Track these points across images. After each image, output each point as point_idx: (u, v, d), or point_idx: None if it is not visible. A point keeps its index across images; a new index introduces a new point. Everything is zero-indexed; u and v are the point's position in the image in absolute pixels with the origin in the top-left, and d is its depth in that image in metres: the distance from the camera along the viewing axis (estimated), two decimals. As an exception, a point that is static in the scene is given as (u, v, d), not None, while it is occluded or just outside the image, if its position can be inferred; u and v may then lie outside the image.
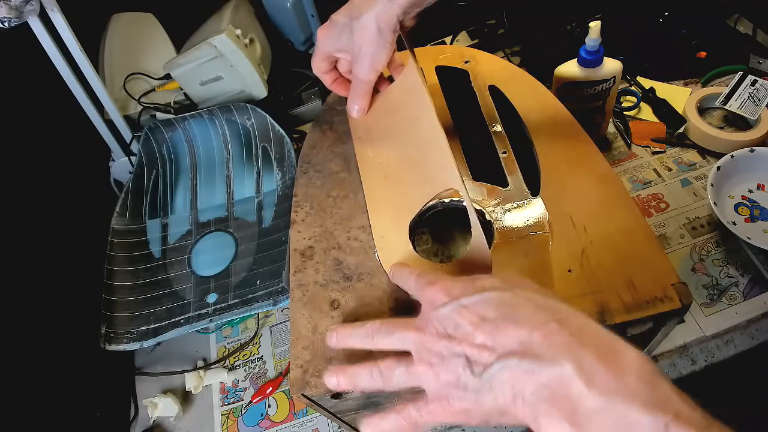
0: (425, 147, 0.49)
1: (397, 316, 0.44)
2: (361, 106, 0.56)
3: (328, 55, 0.54)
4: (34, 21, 0.63)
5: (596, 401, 0.27)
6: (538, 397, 0.29)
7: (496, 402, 0.31)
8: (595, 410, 0.27)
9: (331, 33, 0.51)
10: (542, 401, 0.29)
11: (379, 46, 0.49)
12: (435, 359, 0.33)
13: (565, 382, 0.28)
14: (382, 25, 0.47)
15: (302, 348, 0.44)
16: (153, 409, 0.64)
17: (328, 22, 0.52)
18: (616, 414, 0.27)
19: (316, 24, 0.96)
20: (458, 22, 0.96)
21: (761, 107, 0.72)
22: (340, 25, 0.50)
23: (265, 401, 0.65)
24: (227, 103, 0.79)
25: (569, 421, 0.28)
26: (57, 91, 0.71)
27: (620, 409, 0.27)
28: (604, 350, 0.29)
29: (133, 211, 0.76)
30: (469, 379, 0.32)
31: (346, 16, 0.49)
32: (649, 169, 0.75)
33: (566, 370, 0.28)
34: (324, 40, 0.52)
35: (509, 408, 0.31)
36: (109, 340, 0.64)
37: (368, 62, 0.50)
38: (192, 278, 0.71)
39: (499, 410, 0.31)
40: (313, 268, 0.48)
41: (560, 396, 0.28)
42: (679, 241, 0.67)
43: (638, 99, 0.81)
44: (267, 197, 0.76)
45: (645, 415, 0.26)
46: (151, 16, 0.91)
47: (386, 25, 0.48)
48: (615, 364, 0.28)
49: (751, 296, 0.62)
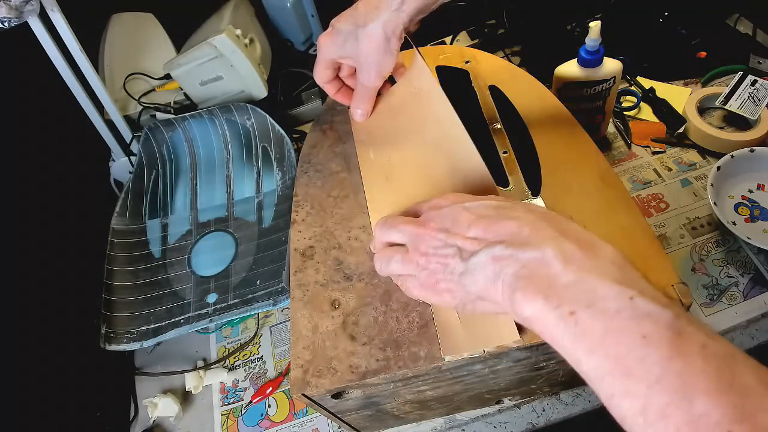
0: (431, 147, 0.49)
1: (398, 315, 0.44)
2: (365, 110, 0.55)
3: (332, 62, 0.53)
4: (34, 21, 0.63)
5: (570, 277, 0.30)
6: (517, 277, 0.31)
7: (477, 284, 0.34)
8: (568, 285, 0.30)
9: (335, 40, 0.50)
10: (520, 279, 0.31)
11: (386, 53, 0.49)
12: (430, 249, 0.36)
13: (545, 263, 0.31)
14: (389, 34, 0.47)
15: (302, 348, 0.44)
16: (153, 409, 0.64)
17: (330, 29, 0.51)
18: (587, 288, 0.29)
19: (316, 24, 0.96)
20: (458, 22, 0.96)
21: (761, 107, 0.72)
22: (344, 32, 0.49)
23: (265, 401, 0.65)
24: (227, 103, 0.79)
25: (543, 295, 0.30)
26: (57, 91, 0.71)
27: (591, 283, 0.29)
28: (584, 242, 0.32)
29: (133, 211, 0.76)
30: (457, 264, 0.35)
31: (350, 24, 0.49)
32: (649, 169, 0.75)
33: (547, 253, 0.31)
34: (327, 48, 0.51)
35: (489, 290, 0.33)
36: (109, 340, 0.64)
37: (375, 70, 0.50)
38: (192, 278, 0.71)
39: (478, 293, 0.34)
40: (313, 268, 0.48)
41: (538, 275, 0.31)
42: (679, 241, 0.67)
43: (638, 99, 0.81)
44: (267, 197, 0.76)
45: (613, 289, 0.29)
46: (151, 16, 0.91)
47: (393, 33, 0.47)
48: (591, 251, 0.31)
49: (751, 296, 0.62)
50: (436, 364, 0.41)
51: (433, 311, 0.43)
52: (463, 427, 0.59)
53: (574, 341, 0.29)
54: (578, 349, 0.29)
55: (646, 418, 0.26)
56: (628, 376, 0.27)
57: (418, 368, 0.41)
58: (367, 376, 0.41)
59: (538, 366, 0.46)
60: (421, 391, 0.47)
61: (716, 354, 0.26)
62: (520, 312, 0.31)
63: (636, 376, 0.26)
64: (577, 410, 0.58)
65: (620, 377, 0.27)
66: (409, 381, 0.43)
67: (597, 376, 0.28)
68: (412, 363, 0.41)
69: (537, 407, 0.59)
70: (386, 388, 0.44)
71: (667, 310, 0.28)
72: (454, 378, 0.45)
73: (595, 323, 0.28)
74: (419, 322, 0.43)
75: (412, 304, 0.44)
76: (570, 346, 0.29)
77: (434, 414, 0.57)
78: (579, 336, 0.28)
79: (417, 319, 0.43)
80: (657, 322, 0.27)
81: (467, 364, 0.42)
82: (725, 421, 0.24)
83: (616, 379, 0.27)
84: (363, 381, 0.41)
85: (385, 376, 0.41)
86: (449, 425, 0.59)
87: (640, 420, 0.26)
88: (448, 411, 0.58)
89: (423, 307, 0.44)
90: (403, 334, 0.43)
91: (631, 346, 0.27)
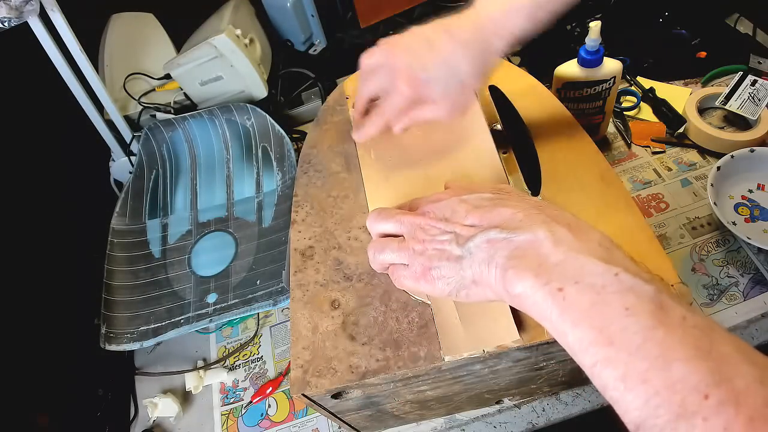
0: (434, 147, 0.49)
1: (397, 315, 0.44)
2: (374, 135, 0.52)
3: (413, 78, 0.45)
4: (34, 21, 0.63)
5: (559, 257, 0.31)
6: (510, 258, 0.33)
7: (472, 268, 0.35)
8: (557, 263, 0.31)
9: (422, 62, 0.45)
10: (512, 259, 0.33)
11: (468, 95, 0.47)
12: (427, 237, 0.38)
13: (536, 244, 0.33)
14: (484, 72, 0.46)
15: (302, 348, 0.44)
16: (153, 409, 0.64)
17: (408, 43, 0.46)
18: (575, 265, 0.31)
19: (316, 24, 0.96)
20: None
21: (761, 107, 0.72)
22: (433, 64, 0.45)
23: (265, 401, 0.65)
24: (227, 103, 0.79)
25: (533, 272, 0.31)
26: (57, 91, 0.71)
27: (579, 261, 0.31)
28: (574, 226, 0.34)
29: (133, 211, 0.76)
30: (453, 249, 0.36)
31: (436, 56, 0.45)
32: (649, 169, 0.75)
33: (539, 235, 0.33)
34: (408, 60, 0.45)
35: (482, 273, 0.34)
36: (109, 340, 0.64)
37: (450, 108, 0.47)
38: (192, 278, 0.71)
39: (473, 277, 0.35)
40: (313, 268, 0.48)
41: (530, 255, 0.32)
42: (679, 241, 0.67)
43: (638, 99, 0.81)
44: (267, 197, 0.76)
45: (599, 266, 0.30)
46: (151, 16, 0.91)
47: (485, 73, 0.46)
48: (581, 234, 0.33)
49: (751, 296, 0.62)
50: (435, 364, 0.41)
51: (433, 311, 0.43)
52: (463, 427, 0.59)
53: (561, 315, 0.30)
54: (565, 322, 0.30)
55: (626, 384, 0.27)
56: (610, 344, 0.28)
57: (417, 368, 0.41)
58: (367, 376, 0.41)
59: (538, 366, 0.46)
60: (420, 391, 0.47)
61: (696, 325, 0.27)
62: (511, 290, 0.32)
63: (618, 345, 0.27)
64: (577, 410, 0.58)
65: (603, 346, 0.28)
66: (409, 381, 0.43)
67: (581, 348, 0.29)
68: (412, 363, 0.41)
69: (537, 407, 0.59)
70: (386, 388, 0.44)
71: (649, 284, 0.29)
72: (454, 378, 0.45)
73: (581, 297, 0.29)
74: (419, 322, 0.43)
75: (412, 304, 0.44)
76: (557, 319, 0.30)
77: (434, 414, 0.57)
78: (566, 309, 0.30)
79: (417, 319, 0.43)
80: (640, 295, 0.28)
81: (467, 364, 0.42)
82: (702, 384, 0.24)
83: (599, 349, 0.28)
84: (363, 381, 0.41)
85: (384, 376, 0.41)
86: (449, 425, 0.59)
87: (621, 386, 0.27)
88: (448, 411, 0.58)
89: (423, 307, 0.44)
90: (403, 334, 0.43)
91: (614, 318, 0.28)
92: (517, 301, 0.33)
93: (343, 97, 0.62)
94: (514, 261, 0.33)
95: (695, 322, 0.27)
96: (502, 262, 0.33)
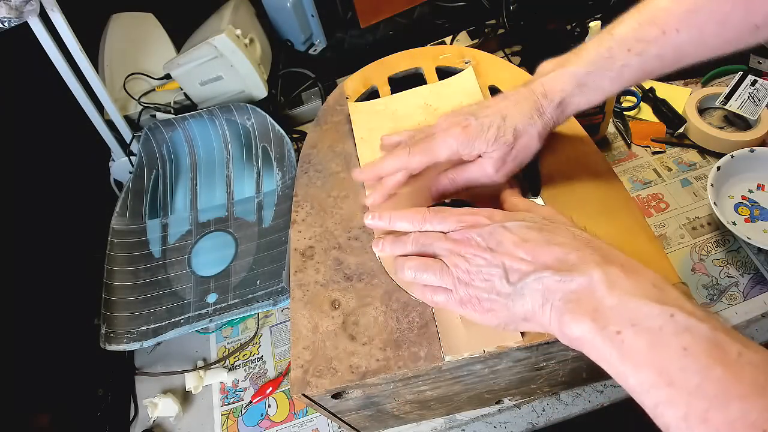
0: None
1: (398, 315, 0.44)
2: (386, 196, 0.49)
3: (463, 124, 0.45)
4: (34, 21, 0.63)
5: (615, 300, 0.32)
6: (566, 302, 0.34)
7: (524, 308, 0.35)
8: (613, 307, 0.32)
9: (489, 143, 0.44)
10: (568, 303, 0.33)
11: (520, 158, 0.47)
12: (473, 267, 0.37)
13: (592, 288, 0.33)
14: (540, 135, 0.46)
15: (302, 348, 0.44)
16: (153, 409, 0.64)
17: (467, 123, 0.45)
18: (631, 308, 0.31)
19: (316, 24, 0.96)
20: (458, 22, 0.96)
21: (761, 107, 0.72)
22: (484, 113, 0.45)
23: (265, 401, 0.65)
24: (227, 103, 0.79)
25: (590, 317, 0.32)
26: (57, 91, 0.71)
27: (635, 304, 0.31)
28: (627, 267, 0.34)
29: (133, 211, 0.76)
30: (503, 286, 0.36)
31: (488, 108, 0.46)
32: (649, 169, 0.75)
33: (594, 278, 0.33)
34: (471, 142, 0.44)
35: (536, 313, 0.35)
36: (109, 340, 0.64)
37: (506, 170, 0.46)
38: (192, 278, 0.71)
39: (524, 315, 0.36)
40: (313, 268, 0.48)
41: (585, 299, 0.33)
42: (679, 241, 0.67)
43: (638, 99, 0.81)
44: (267, 197, 0.76)
45: (655, 308, 0.31)
46: (151, 16, 0.91)
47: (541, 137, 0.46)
48: (634, 275, 0.33)
49: (751, 296, 0.62)
50: (436, 364, 0.41)
51: (434, 311, 0.43)
52: (463, 427, 0.59)
53: (621, 358, 0.31)
54: (625, 365, 0.31)
55: (688, 424, 0.28)
56: (670, 385, 0.29)
57: (418, 368, 0.41)
58: (367, 376, 0.41)
59: (538, 366, 0.46)
60: (421, 391, 0.47)
61: (751, 362, 0.28)
62: (569, 332, 0.33)
63: (678, 385, 0.28)
64: (577, 410, 0.58)
65: (664, 387, 0.29)
66: (409, 381, 0.43)
67: (642, 390, 0.30)
68: (412, 363, 0.41)
69: (537, 407, 0.59)
70: (386, 388, 0.44)
71: (704, 323, 0.30)
72: (454, 378, 0.45)
73: (639, 340, 0.30)
74: (419, 322, 0.43)
75: (412, 304, 0.44)
76: (617, 362, 0.31)
77: (434, 414, 0.57)
78: (626, 353, 0.31)
79: (417, 319, 0.43)
80: (696, 335, 0.29)
81: (467, 364, 0.42)
82: (760, 421, 0.26)
83: (660, 390, 0.29)
84: (363, 381, 0.41)
85: (385, 376, 0.41)
86: (449, 425, 0.59)
87: (683, 425, 0.28)
88: (448, 411, 0.58)
89: (423, 307, 0.44)
90: (403, 334, 0.43)
91: (673, 359, 0.29)
92: (576, 343, 0.33)
93: (343, 97, 0.62)
94: (571, 305, 0.33)
95: (750, 358, 0.28)
96: (559, 305, 0.34)
